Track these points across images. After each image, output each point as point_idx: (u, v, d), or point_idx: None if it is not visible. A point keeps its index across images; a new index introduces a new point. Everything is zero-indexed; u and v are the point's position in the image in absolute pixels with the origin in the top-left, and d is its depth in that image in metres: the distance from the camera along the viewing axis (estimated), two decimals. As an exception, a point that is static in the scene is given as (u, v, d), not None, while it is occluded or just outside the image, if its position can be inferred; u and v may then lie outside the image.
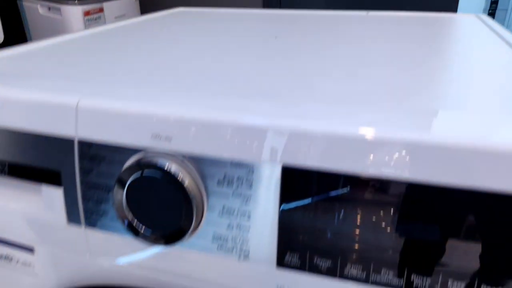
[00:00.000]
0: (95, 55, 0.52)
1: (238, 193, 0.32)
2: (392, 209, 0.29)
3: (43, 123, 0.36)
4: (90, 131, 0.35)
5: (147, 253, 0.37)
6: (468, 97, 0.35)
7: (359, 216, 0.30)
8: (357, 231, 0.30)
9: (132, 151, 0.34)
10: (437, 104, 0.33)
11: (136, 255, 0.37)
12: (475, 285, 0.29)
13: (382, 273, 0.30)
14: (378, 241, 0.30)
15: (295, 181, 0.30)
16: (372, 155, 0.28)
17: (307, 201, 0.31)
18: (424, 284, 0.30)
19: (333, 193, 0.30)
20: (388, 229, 0.29)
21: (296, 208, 0.31)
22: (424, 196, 0.28)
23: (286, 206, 0.31)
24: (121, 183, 0.34)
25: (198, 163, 0.33)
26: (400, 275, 0.30)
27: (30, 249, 0.43)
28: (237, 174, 0.32)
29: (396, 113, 0.31)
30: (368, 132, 0.28)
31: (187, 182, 0.32)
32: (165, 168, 0.32)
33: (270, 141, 0.30)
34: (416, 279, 0.30)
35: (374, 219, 0.30)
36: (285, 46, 0.55)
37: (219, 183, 0.32)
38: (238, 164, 0.31)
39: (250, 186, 0.32)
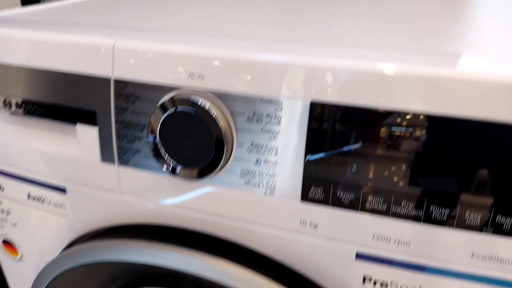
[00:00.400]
0: (125, 8, 0.53)
1: (266, 129, 0.34)
2: (414, 143, 0.31)
3: (81, 64, 0.38)
4: (125, 71, 0.37)
5: (178, 190, 0.39)
6: (490, 42, 0.36)
7: (382, 149, 0.32)
8: (380, 165, 0.32)
9: (166, 89, 0.36)
10: (459, 48, 0.34)
11: (167, 192, 0.40)
12: (491, 215, 0.30)
13: (402, 205, 0.32)
14: (400, 174, 0.32)
15: (322, 116, 0.32)
16: (394, 89, 0.30)
17: (333, 135, 0.32)
18: (442, 216, 0.32)
19: (359, 127, 0.32)
20: (410, 162, 0.31)
21: (322, 142, 0.33)
22: (446, 130, 0.30)
23: (313, 140, 0.33)
24: (155, 119, 0.35)
25: (229, 100, 0.34)
26: (419, 206, 0.32)
27: (62, 190, 0.45)
28: (266, 111, 0.34)
29: (422, 53, 0.32)
30: (390, 68, 0.30)
31: (218, 118, 0.34)
32: (199, 103, 0.34)
33: (299, 78, 0.32)
34: (434, 211, 0.32)
35: (396, 153, 0.31)
36: (307, 7, 0.56)
37: (249, 120, 0.34)
38: (267, 101, 0.33)
39: (278, 122, 0.33)
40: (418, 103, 0.30)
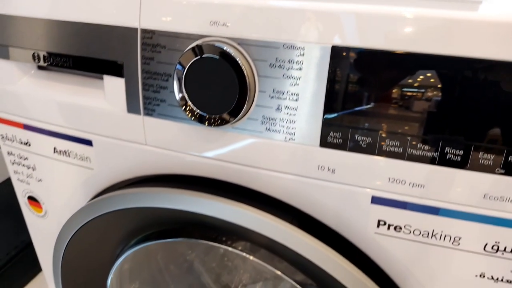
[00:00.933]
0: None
1: (288, 75, 0.35)
2: (431, 89, 0.32)
3: (108, 15, 0.40)
4: (152, 20, 0.38)
5: (200, 139, 0.41)
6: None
7: (401, 94, 0.33)
8: (398, 109, 0.33)
9: (191, 38, 0.37)
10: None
11: (190, 141, 0.41)
12: (504, 156, 0.32)
13: (418, 147, 0.34)
14: (417, 119, 0.33)
15: (343, 61, 0.33)
16: (414, 31, 0.31)
17: (353, 80, 0.34)
18: (456, 157, 0.33)
19: (379, 72, 0.33)
20: (428, 107, 0.32)
21: (342, 87, 0.34)
22: (462, 72, 0.31)
23: (333, 85, 0.34)
24: (180, 67, 0.37)
25: (252, 47, 0.36)
26: (434, 149, 0.33)
27: (88, 142, 0.47)
28: (288, 57, 0.35)
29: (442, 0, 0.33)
30: (411, 11, 0.31)
31: (242, 65, 0.35)
32: (224, 49, 0.35)
33: (321, 22, 0.33)
34: (449, 153, 0.33)
35: (415, 98, 0.33)
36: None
37: (271, 66, 0.36)
38: (289, 47, 0.34)
39: (300, 68, 0.35)
40: (438, 46, 0.31)
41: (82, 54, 0.43)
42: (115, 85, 0.42)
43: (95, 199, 0.46)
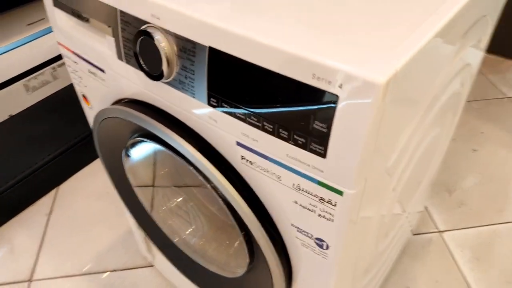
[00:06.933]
0: None
1: (189, 58, 0.56)
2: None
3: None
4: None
5: (153, 84, 0.65)
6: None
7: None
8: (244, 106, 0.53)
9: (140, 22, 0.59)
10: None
11: (147, 85, 0.66)
12: (291, 134, 0.51)
13: (255, 121, 0.54)
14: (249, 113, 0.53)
15: (220, 58, 0.53)
16: None
17: (222, 75, 0.54)
18: (270, 128, 0.53)
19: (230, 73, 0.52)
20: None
21: (220, 77, 0.54)
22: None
23: (213, 75, 0.55)
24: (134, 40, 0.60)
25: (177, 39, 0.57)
26: (259, 122, 0.53)
27: (102, 70, 0.74)
28: (189, 46, 0.55)
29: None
30: None
31: (165, 47, 0.57)
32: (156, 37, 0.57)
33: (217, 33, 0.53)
34: (266, 125, 0.53)
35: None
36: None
37: (181, 50, 0.57)
38: (192, 43, 0.55)
39: (193, 55, 0.55)
40: (256, 60, 0.49)
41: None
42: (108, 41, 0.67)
43: (107, 107, 0.75)
